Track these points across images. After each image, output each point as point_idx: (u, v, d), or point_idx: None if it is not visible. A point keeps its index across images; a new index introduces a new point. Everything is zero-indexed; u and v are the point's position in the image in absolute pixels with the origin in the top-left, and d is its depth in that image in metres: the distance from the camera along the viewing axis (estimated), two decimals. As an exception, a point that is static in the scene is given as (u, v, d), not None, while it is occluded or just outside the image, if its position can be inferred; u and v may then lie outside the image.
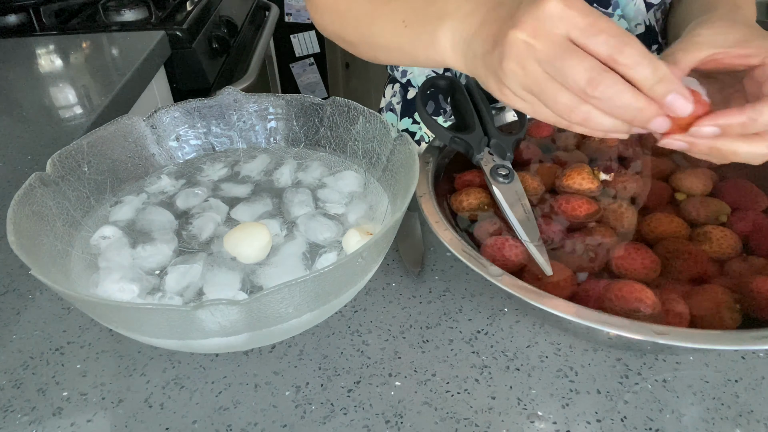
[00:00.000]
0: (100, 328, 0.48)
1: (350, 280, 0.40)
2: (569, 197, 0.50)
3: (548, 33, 0.35)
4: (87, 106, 0.87)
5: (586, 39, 0.34)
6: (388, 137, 0.50)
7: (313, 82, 2.25)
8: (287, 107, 0.57)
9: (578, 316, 0.37)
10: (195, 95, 0.86)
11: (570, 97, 0.36)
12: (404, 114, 0.81)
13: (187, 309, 0.33)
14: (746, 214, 0.48)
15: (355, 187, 0.53)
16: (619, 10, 0.63)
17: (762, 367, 0.43)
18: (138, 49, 1.05)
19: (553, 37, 0.35)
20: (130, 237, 0.48)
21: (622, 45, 0.34)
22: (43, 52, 1.09)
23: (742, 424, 0.40)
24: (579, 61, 0.34)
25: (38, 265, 0.37)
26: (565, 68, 0.35)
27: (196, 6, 1.27)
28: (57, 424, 0.41)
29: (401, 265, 0.53)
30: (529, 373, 0.43)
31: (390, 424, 0.40)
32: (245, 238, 0.45)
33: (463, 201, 0.51)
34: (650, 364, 0.44)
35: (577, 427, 0.39)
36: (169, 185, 0.54)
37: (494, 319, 0.48)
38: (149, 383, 0.43)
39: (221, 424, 0.40)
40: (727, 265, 0.44)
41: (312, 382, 0.43)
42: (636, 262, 0.44)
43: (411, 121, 0.81)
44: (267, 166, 0.56)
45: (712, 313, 0.40)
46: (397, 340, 0.46)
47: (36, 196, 0.43)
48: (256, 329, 0.37)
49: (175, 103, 0.55)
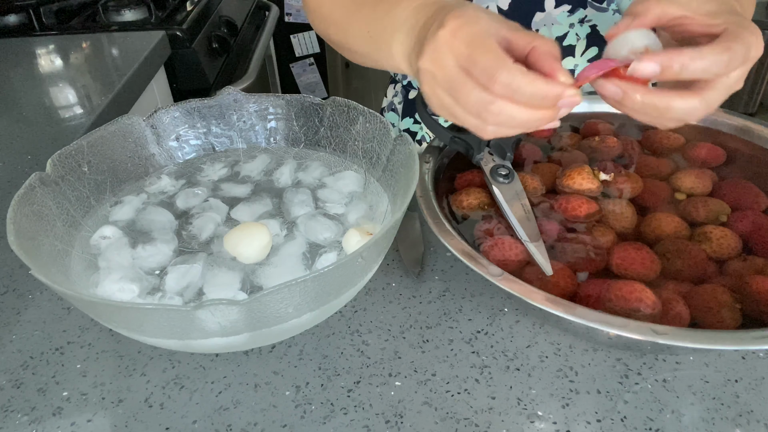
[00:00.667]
0: (100, 328, 0.48)
1: (350, 280, 0.40)
2: (570, 197, 0.50)
3: (443, 62, 0.38)
4: (87, 106, 0.87)
5: (469, 68, 0.37)
6: (388, 137, 0.50)
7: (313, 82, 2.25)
8: (287, 107, 0.57)
9: (578, 316, 0.37)
10: (195, 95, 0.86)
11: (473, 119, 0.39)
12: (406, 114, 0.82)
13: (187, 309, 0.33)
14: (746, 214, 0.48)
15: (355, 187, 0.53)
16: (614, 4, 0.63)
17: (762, 367, 0.43)
18: (138, 49, 1.05)
19: (446, 67, 0.38)
20: (130, 237, 0.48)
21: (495, 74, 0.36)
22: (43, 52, 1.09)
23: (742, 424, 0.40)
24: (468, 91, 0.37)
25: (38, 265, 0.37)
26: (459, 97, 0.38)
27: (196, 6, 1.27)
28: (57, 424, 0.41)
29: (401, 265, 0.53)
30: (529, 373, 0.43)
31: (390, 424, 0.40)
32: (245, 238, 0.45)
33: (463, 201, 0.51)
34: (650, 364, 0.44)
35: (577, 427, 0.39)
36: (169, 185, 0.54)
37: (494, 319, 0.48)
38: (149, 383, 0.43)
39: (221, 424, 0.40)
40: (727, 265, 0.44)
41: (312, 382, 0.43)
42: (636, 262, 0.44)
43: (412, 121, 0.81)
44: (267, 166, 0.56)
45: (712, 313, 0.40)
46: (397, 340, 0.46)
47: (36, 196, 0.43)
48: (256, 329, 0.37)
49: (175, 103, 0.55)
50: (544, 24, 0.65)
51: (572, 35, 0.65)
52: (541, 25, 0.65)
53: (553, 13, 0.64)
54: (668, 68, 0.37)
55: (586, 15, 0.63)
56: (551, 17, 0.64)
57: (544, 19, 0.64)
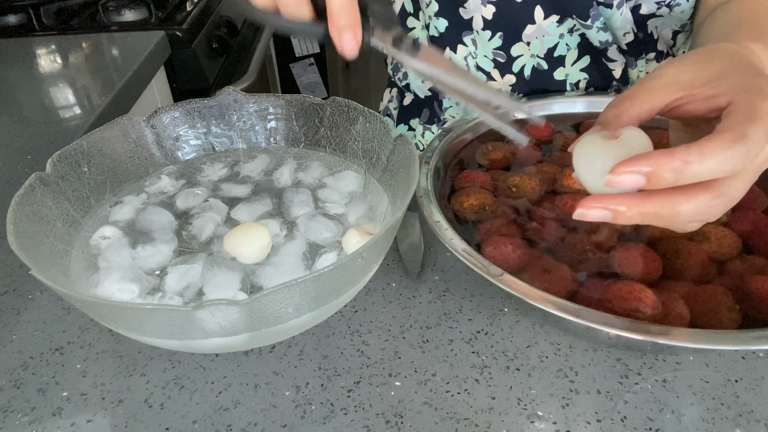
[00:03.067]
0: (100, 328, 0.48)
1: (350, 280, 0.40)
2: (574, 196, 0.50)
3: None
4: (87, 106, 0.87)
5: None
6: (388, 137, 0.50)
7: (313, 82, 2.25)
8: (287, 107, 0.57)
9: (578, 316, 0.37)
10: (195, 95, 0.86)
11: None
12: (401, 120, 0.82)
13: (187, 309, 0.33)
14: (746, 214, 0.48)
15: (355, 187, 0.53)
16: (599, 22, 0.61)
17: (762, 367, 0.43)
18: (138, 49, 1.05)
19: None
20: (130, 237, 0.48)
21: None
22: (43, 52, 1.09)
23: (742, 424, 0.40)
24: None
25: (38, 265, 0.37)
26: None
27: (196, 6, 1.27)
28: (57, 424, 0.41)
29: (401, 265, 0.53)
30: (529, 373, 0.43)
31: (390, 424, 0.40)
32: (245, 239, 0.45)
33: (463, 201, 0.51)
34: (650, 364, 0.44)
35: (577, 427, 0.39)
36: (169, 185, 0.54)
37: (494, 319, 0.48)
38: (149, 383, 0.43)
39: (221, 424, 0.40)
40: (727, 265, 0.44)
41: (312, 382, 0.43)
42: (638, 261, 0.44)
43: (407, 128, 0.81)
44: (267, 166, 0.56)
45: (712, 313, 0.40)
46: (397, 340, 0.46)
47: (36, 196, 0.43)
48: (256, 329, 0.37)
49: (175, 103, 0.55)
50: (535, 36, 0.64)
51: (562, 45, 0.65)
52: (533, 38, 0.64)
53: (542, 25, 0.63)
54: (658, 177, 0.29)
55: (575, 24, 0.63)
56: (541, 29, 0.63)
57: (535, 32, 0.64)
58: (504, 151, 0.58)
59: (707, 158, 0.28)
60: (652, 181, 0.29)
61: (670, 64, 0.35)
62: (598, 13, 0.60)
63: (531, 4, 0.62)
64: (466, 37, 0.67)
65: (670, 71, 0.34)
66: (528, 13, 0.63)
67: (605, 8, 0.60)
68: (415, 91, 0.78)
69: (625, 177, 0.29)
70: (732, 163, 0.28)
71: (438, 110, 0.77)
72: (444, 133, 0.58)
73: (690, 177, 0.29)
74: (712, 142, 0.28)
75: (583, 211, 0.32)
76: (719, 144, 0.28)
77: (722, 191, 0.30)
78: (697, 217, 0.31)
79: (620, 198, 0.31)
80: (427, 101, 0.77)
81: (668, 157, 0.28)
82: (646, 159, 0.29)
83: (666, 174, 0.29)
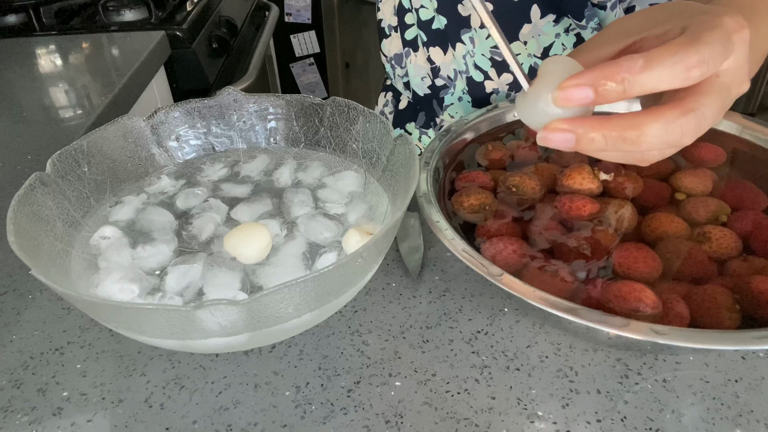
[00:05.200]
0: (100, 328, 0.48)
1: (350, 280, 0.40)
2: (573, 196, 0.50)
3: None
4: (87, 106, 0.87)
5: None
6: (388, 137, 0.50)
7: (313, 82, 2.25)
8: (287, 107, 0.57)
9: (578, 316, 0.37)
10: (195, 95, 0.86)
11: None
12: (396, 125, 0.82)
13: (187, 309, 0.33)
14: (746, 214, 0.48)
15: (355, 187, 0.53)
16: (593, 22, 0.61)
17: (762, 367, 0.43)
18: (138, 49, 1.05)
19: None
20: (130, 237, 0.47)
21: None
22: (43, 52, 1.09)
23: (742, 424, 0.40)
24: None
25: (38, 265, 0.37)
26: None
27: (196, 6, 1.27)
28: (57, 424, 0.41)
29: (401, 265, 0.53)
30: (529, 373, 0.43)
31: (390, 424, 0.40)
32: (245, 239, 0.45)
33: (463, 201, 0.51)
34: (650, 364, 0.44)
35: (577, 427, 0.39)
36: (169, 185, 0.54)
37: (494, 319, 0.48)
38: (149, 383, 0.43)
39: (221, 424, 0.40)
40: (727, 265, 0.44)
41: (312, 382, 0.43)
42: (638, 261, 0.44)
43: (402, 132, 0.81)
44: (267, 166, 0.56)
45: (712, 313, 0.40)
46: (397, 340, 0.46)
47: (36, 196, 0.43)
48: (256, 329, 0.37)
49: (175, 103, 0.55)
50: (532, 36, 0.64)
51: (558, 45, 0.65)
52: (529, 37, 0.64)
53: (539, 24, 0.63)
54: (604, 87, 0.28)
55: (571, 24, 0.63)
56: (538, 28, 0.63)
57: (531, 31, 0.64)
58: (504, 151, 0.58)
59: (654, 63, 0.27)
60: (599, 93, 0.28)
61: (620, 18, 0.35)
62: (592, 13, 0.61)
63: (527, 2, 0.62)
64: (464, 35, 0.67)
65: (620, 24, 0.34)
66: (524, 12, 0.63)
67: (600, 9, 0.60)
68: (414, 89, 0.78)
69: (571, 91, 0.28)
70: (684, 66, 0.27)
71: (437, 109, 0.77)
72: (444, 133, 0.58)
73: (639, 86, 0.27)
74: (660, 48, 0.27)
75: (545, 134, 0.31)
76: (666, 48, 0.27)
77: (690, 107, 0.28)
78: (668, 138, 0.29)
79: (582, 120, 0.30)
80: (425, 102, 0.77)
81: (613, 66, 0.27)
82: (590, 71, 0.28)
83: (612, 83, 0.27)
